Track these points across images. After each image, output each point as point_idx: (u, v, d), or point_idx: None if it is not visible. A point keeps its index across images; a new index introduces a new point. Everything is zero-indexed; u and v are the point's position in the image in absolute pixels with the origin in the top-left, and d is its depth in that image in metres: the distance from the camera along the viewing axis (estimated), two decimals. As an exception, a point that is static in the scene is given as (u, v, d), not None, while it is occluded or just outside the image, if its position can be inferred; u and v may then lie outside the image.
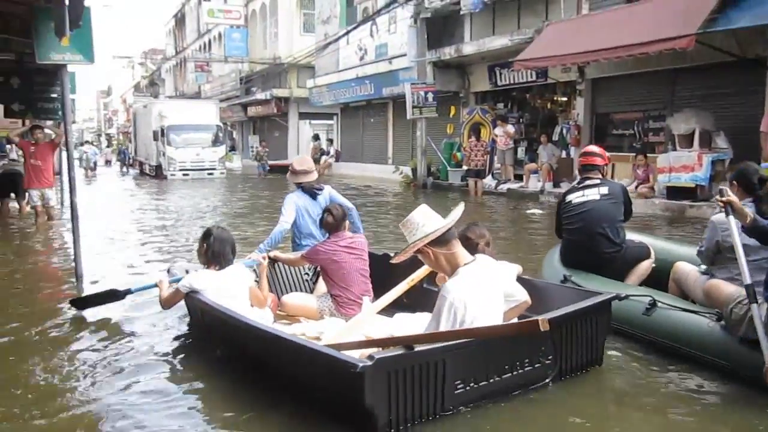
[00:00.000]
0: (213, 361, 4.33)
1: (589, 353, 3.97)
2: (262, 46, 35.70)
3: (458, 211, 3.61)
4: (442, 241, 3.45)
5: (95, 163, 31.35)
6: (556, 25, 14.39)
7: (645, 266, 5.15)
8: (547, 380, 3.75)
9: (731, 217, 3.81)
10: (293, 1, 32.67)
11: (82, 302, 5.47)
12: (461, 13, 17.35)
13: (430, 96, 18.57)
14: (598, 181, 5.31)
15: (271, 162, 28.16)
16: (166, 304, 4.71)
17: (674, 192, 11.81)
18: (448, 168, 18.68)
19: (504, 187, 16.23)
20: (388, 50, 21.97)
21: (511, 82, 17.19)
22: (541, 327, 3.10)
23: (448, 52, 17.98)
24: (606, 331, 4.08)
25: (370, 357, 3.07)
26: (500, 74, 17.40)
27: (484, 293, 3.46)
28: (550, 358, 3.73)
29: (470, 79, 19.03)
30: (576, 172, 14.94)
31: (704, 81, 12.51)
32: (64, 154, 8.62)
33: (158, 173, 26.30)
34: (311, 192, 5.81)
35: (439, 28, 18.78)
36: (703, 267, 4.67)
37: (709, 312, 4.05)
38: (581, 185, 5.37)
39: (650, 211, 11.62)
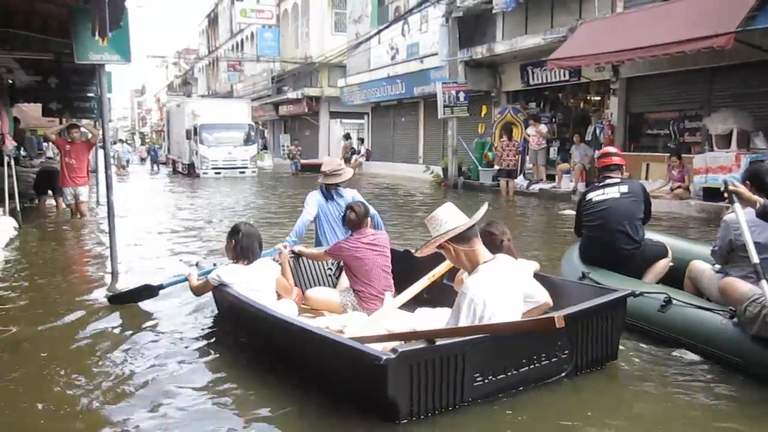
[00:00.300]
0: (240, 353, 4.47)
1: (605, 349, 4.04)
2: (294, 46, 35.91)
3: (482, 211, 3.72)
4: (463, 238, 3.56)
5: (128, 161, 31.70)
6: (590, 24, 14.22)
7: (662, 264, 5.21)
8: (563, 374, 3.82)
9: (737, 205, 3.97)
10: (325, 0, 32.79)
11: (118, 298, 5.60)
12: (493, 11, 17.24)
13: (462, 95, 18.51)
14: (618, 180, 5.41)
15: (303, 161, 28.30)
16: (197, 292, 4.98)
17: (711, 193, 11.59)
18: (480, 168, 18.58)
19: (536, 187, 16.10)
20: (420, 49, 21.94)
21: (544, 81, 17.03)
22: (557, 324, 3.26)
23: (479, 51, 17.88)
24: (621, 327, 4.13)
25: (394, 350, 3.19)
26: (532, 73, 17.25)
27: (504, 291, 3.57)
28: (566, 352, 3.81)
29: (502, 79, 18.91)
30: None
31: (742, 80, 12.27)
32: (101, 152, 8.76)
33: (191, 172, 26.55)
34: (333, 192, 5.99)
35: (470, 27, 18.70)
36: (718, 266, 4.69)
37: (722, 309, 4.12)
38: (601, 184, 5.46)
39: (685, 213, 11.43)
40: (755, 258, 3.77)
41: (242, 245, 4.66)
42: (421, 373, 3.28)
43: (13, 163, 10.50)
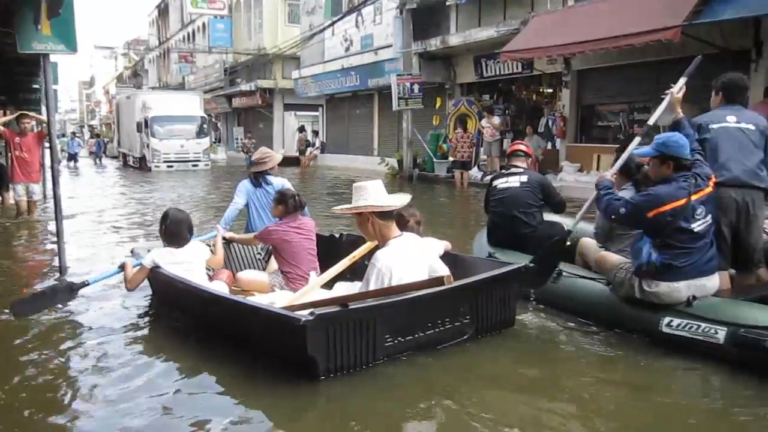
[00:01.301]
0: (177, 330, 4.85)
1: (503, 315, 4.62)
2: (247, 37, 35.47)
3: (407, 198, 4.37)
4: (385, 215, 4.12)
5: (73, 155, 30.45)
6: (542, 17, 14.39)
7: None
8: (465, 337, 4.36)
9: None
10: (278, -9, 32.49)
11: (24, 307, 4.97)
12: (447, 3, 17.34)
13: (416, 87, 18.54)
14: (521, 170, 6.07)
15: None
16: (132, 283, 5.09)
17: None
18: (434, 159, 18.66)
19: (489, 178, 16.19)
20: (374, 41, 21.90)
21: (497, 73, 17.19)
22: (446, 282, 3.94)
23: (434, 44, 17.95)
24: (517, 296, 4.72)
25: (311, 312, 3.62)
26: (486, 66, 17.39)
27: (409, 262, 4.12)
28: (468, 317, 4.37)
29: (456, 71, 19.02)
30: (561, 163, 15.03)
31: (689, 73, 12.54)
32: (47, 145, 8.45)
33: (142, 165, 26.12)
34: (262, 180, 6.40)
35: (424, 19, 18.72)
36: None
37: (601, 278, 4.84)
38: (507, 173, 6.14)
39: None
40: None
41: (171, 230, 5.03)
42: (336, 333, 3.72)
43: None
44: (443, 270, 4.31)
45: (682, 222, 4.15)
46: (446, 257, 4.79)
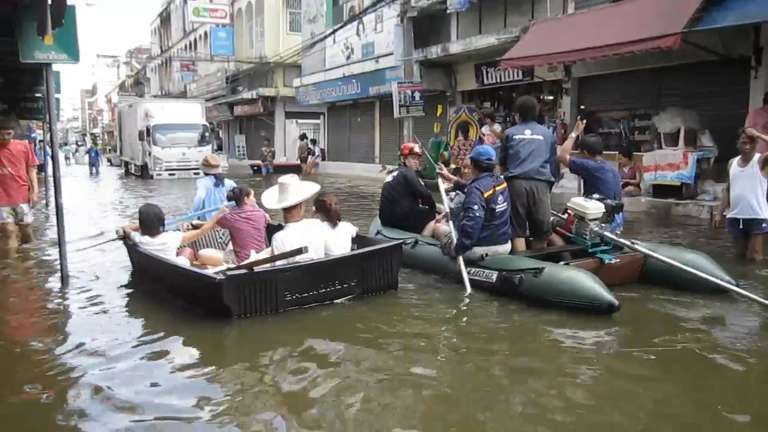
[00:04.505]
0: (149, 292, 6.36)
1: (386, 279, 6.02)
2: (249, 45, 35.57)
3: (313, 192, 6.05)
4: (287, 207, 5.81)
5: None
6: (542, 24, 14.41)
7: (431, 225, 7.44)
8: (353, 296, 5.74)
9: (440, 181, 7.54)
10: (279, -1, 32.58)
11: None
12: (447, 11, 17.33)
13: (417, 95, 18.57)
14: (397, 168, 8.02)
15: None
16: (130, 230, 6.59)
17: (660, 190, 11.87)
18: (435, 167, 18.58)
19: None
20: (375, 49, 21.94)
21: (498, 81, 17.21)
22: (303, 251, 5.19)
23: (434, 51, 17.98)
24: (399, 264, 6.18)
25: (224, 274, 5.17)
26: (487, 73, 17.42)
27: (301, 239, 5.44)
28: (355, 281, 5.75)
29: (457, 78, 19.05)
30: (562, 170, 14.99)
31: (689, 80, 12.56)
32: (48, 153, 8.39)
33: (144, 173, 26.17)
34: (216, 179, 8.35)
35: (425, 27, 18.77)
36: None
37: (437, 244, 6.75)
38: (393, 171, 8.09)
39: (635, 209, 11.67)
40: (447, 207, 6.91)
41: (141, 220, 6.36)
42: (245, 289, 5.17)
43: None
44: (336, 245, 5.91)
45: (492, 204, 6.10)
46: (355, 238, 6.33)
